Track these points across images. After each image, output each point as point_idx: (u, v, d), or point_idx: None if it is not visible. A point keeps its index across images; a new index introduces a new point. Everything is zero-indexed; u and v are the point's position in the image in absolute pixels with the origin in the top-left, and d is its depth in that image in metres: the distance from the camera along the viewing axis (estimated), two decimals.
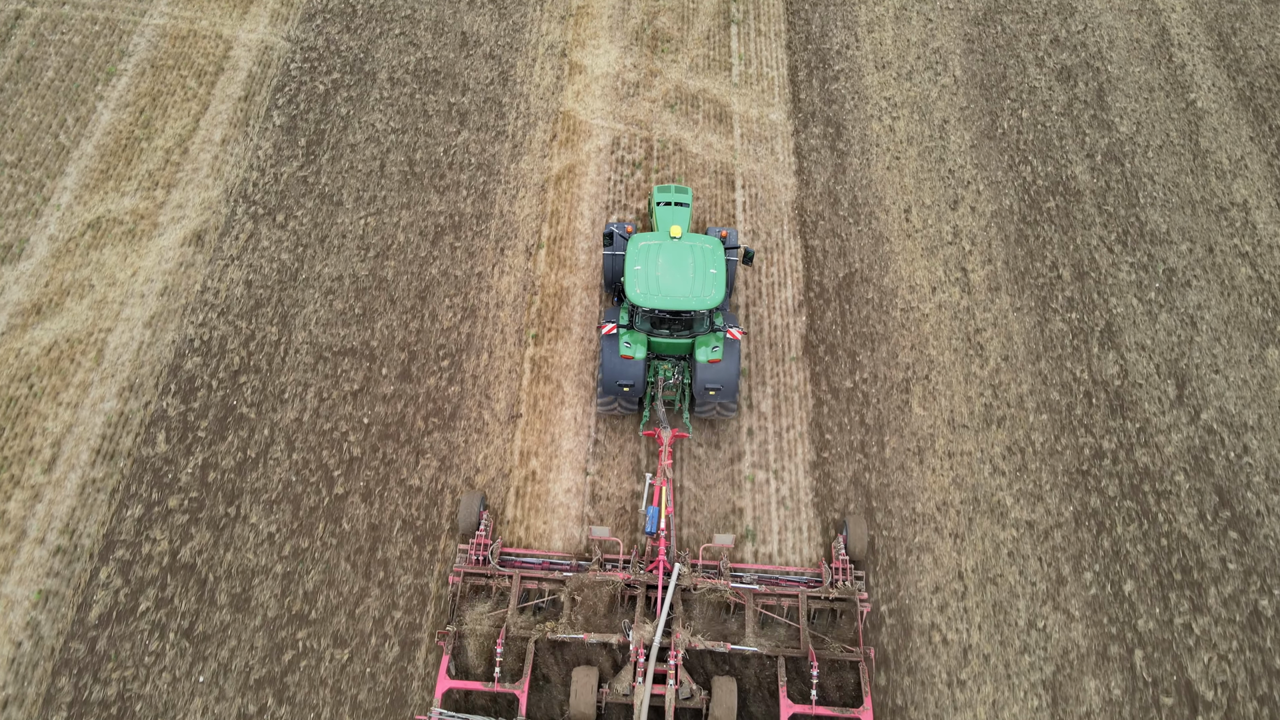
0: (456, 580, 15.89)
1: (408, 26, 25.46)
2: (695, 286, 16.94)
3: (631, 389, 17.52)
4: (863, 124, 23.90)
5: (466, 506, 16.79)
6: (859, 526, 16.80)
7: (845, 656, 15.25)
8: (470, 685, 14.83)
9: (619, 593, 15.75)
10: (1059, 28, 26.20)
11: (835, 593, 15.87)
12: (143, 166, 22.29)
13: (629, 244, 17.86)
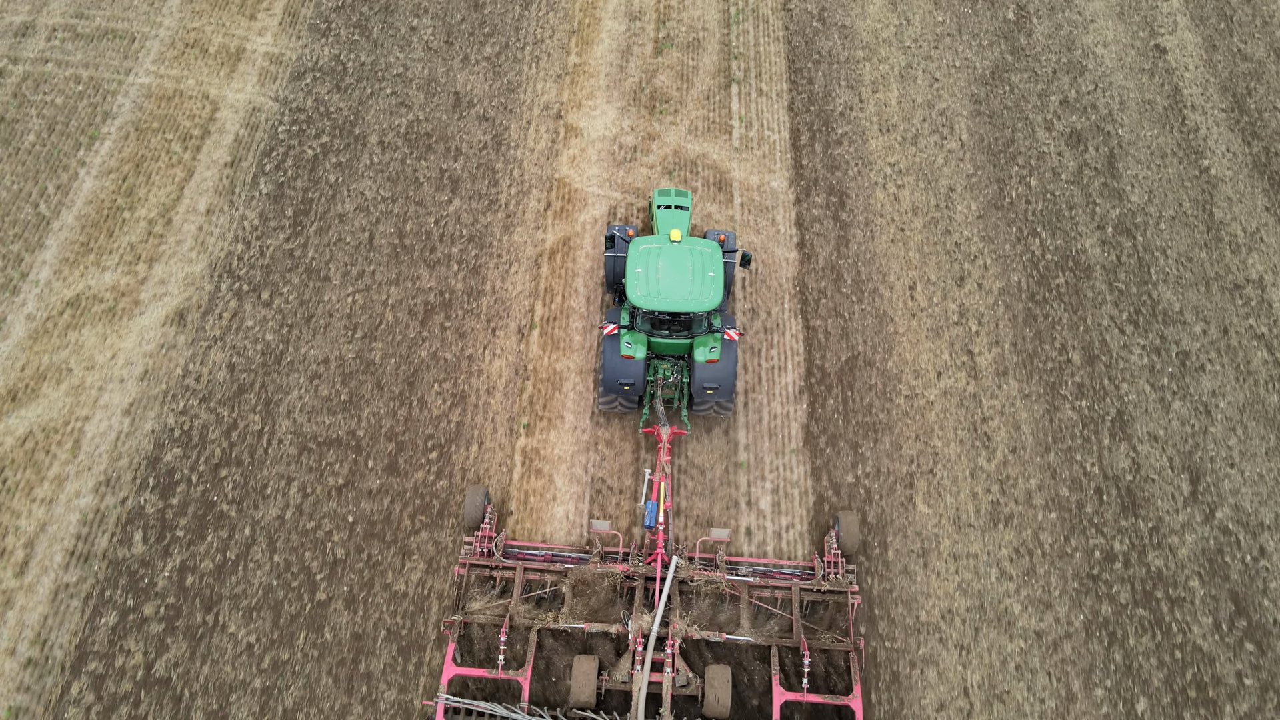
0: (462, 571, 16.71)
1: (399, 86, 24.79)
2: (694, 289, 17.61)
3: (632, 387, 18.22)
4: (867, 192, 23.22)
5: (471, 500, 17.33)
6: (850, 522, 17.30)
7: (836, 647, 15.78)
8: (475, 672, 15.24)
9: (618, 584, 16.49)
10: (1068, 88, 25.50)
11: (827, 585, 16.52)
12: (125, 239, 21.65)
13: (630, 247, 18.46)
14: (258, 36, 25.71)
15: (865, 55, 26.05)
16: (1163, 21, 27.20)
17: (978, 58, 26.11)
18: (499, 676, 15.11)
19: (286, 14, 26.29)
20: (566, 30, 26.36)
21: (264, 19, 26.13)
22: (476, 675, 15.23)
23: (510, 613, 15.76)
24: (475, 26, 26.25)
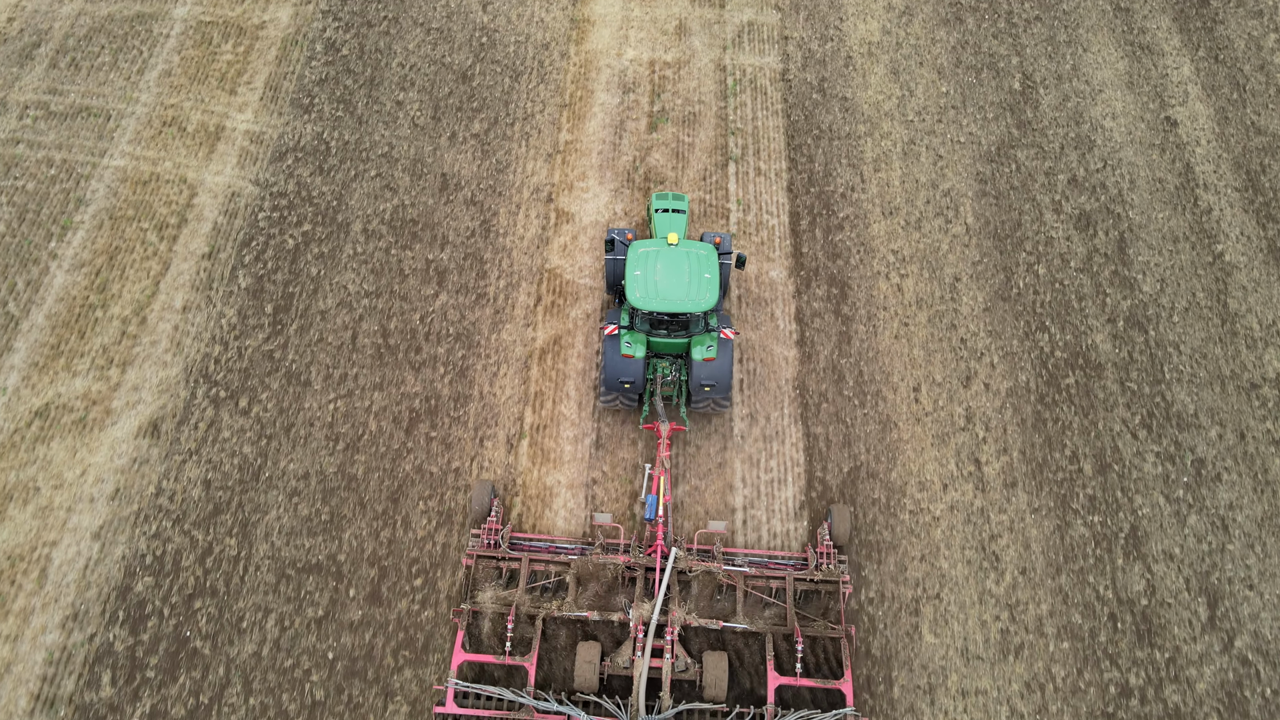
0: (470, 563, 17.39)
1: (384, 167, 23.91)
2: (691, 290, 18.38)
3: (632, 386, 18.97)
4: (869, 282, 22.40)
5: (478, 494, 18.07)
6: (842, 514, 18.10)
7: (828, 634, 16.57)
8: (483, 658, 16.09)
9: (620, 574, 17.29)
10: (1076, 165, 24.66)
11: (820, 575, 17.26)
12: (97, 340, 20.78)
13: (629, 250, 19.18)
14: (238, 113, 24.82)
15: (867, 130, 25.20)
16: (1173, 91, 26.37)
17: (983, 132, 25.27)
18: (506, 662, 16.04)
19: (268, 88, 25.40)
20: (558, 104, 25.48)
21: (245, 93, 25.24)
22: (484, 661, 16.12)
23: (516, 602, 16.67)
24: (463, 100, 25.38)
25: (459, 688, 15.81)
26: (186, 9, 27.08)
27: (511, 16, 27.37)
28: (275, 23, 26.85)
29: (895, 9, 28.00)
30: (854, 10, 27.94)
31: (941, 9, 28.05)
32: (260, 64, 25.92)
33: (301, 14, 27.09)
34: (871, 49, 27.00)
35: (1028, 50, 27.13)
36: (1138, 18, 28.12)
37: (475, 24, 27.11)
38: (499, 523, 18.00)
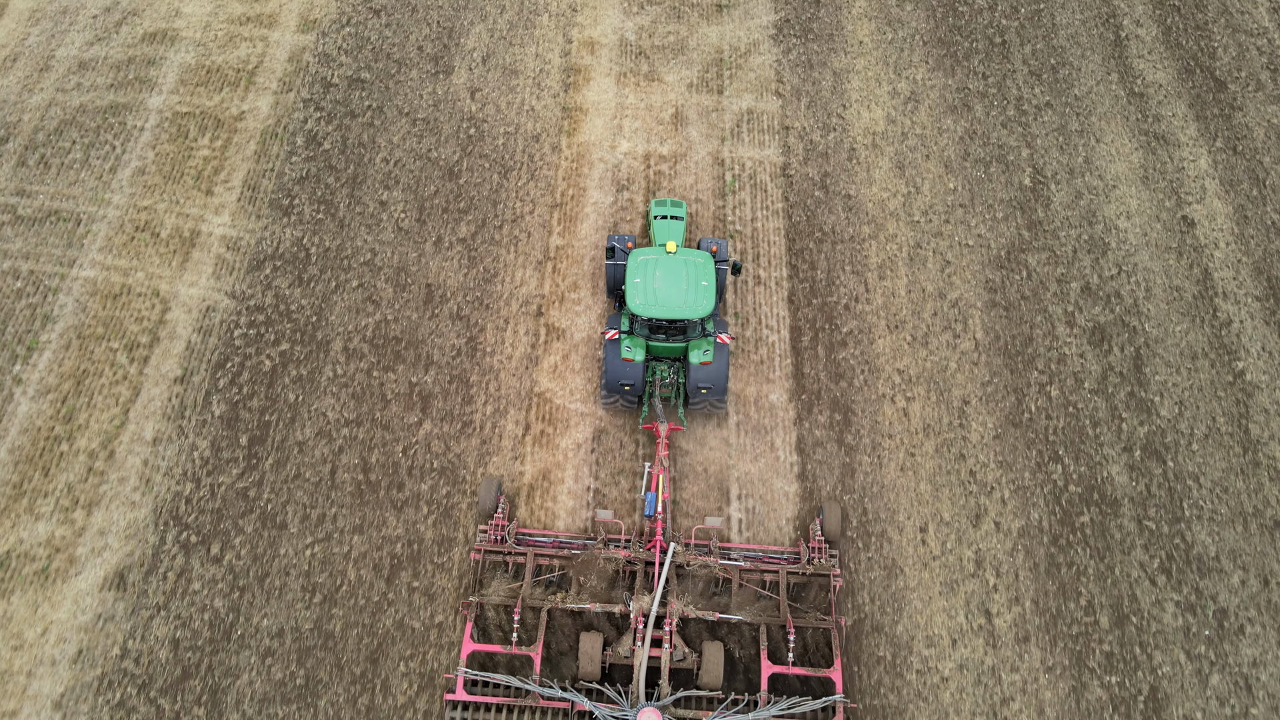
0: (477, 557, 18.23)
1: (367, 276, 22.86)
2: (689, 297, 19.36)
3: (632, 388, 19.94)
4: (874, 407, 21.38)
5: (485, 491, 18.91)
6: (833, 511, 18.94)
7: (819, 624, 17.56)
8: (491, 648, 17.06)
9: (621, 568, 18.19)
10: (1089, 271, 23.61)
11: (812, 569, 18.21)
12: (62, 477, 19.76)
13: (629, 258, 20.15)
14: (214, 216, 23.76)
15: (871, 232, 24.14)
16: (1190, 187, 25.31)
17: (992, 234, 24.22)
18: (513, 652, 17.00)
19: (246, 187, 24.33)
20: (548, 204, 24.42)
21: (222, 193, 24.16)
22: (492, 651, 17.09)
23: (522, 594, 17.57)
24: (450, 200, 24.31)
25: (469, 676, 16.69)
26: (162, 99, 25.99)
27: (501, 105, 26.28)
28: (254, 113, 25.76)
29: (900, 95, 26.92)
30: (858, 97, 26.86)
31: (949, 95, 26.97)
32: (238, 159, 24.84)
33: (282, 103, 26.01)
34: (876, 140, 25.93)
35: (1038, 141, 26.06)
36: (1152, 104, 27.05)
37: (463, 113, 26.02)
38: (505, 519, 18.86)
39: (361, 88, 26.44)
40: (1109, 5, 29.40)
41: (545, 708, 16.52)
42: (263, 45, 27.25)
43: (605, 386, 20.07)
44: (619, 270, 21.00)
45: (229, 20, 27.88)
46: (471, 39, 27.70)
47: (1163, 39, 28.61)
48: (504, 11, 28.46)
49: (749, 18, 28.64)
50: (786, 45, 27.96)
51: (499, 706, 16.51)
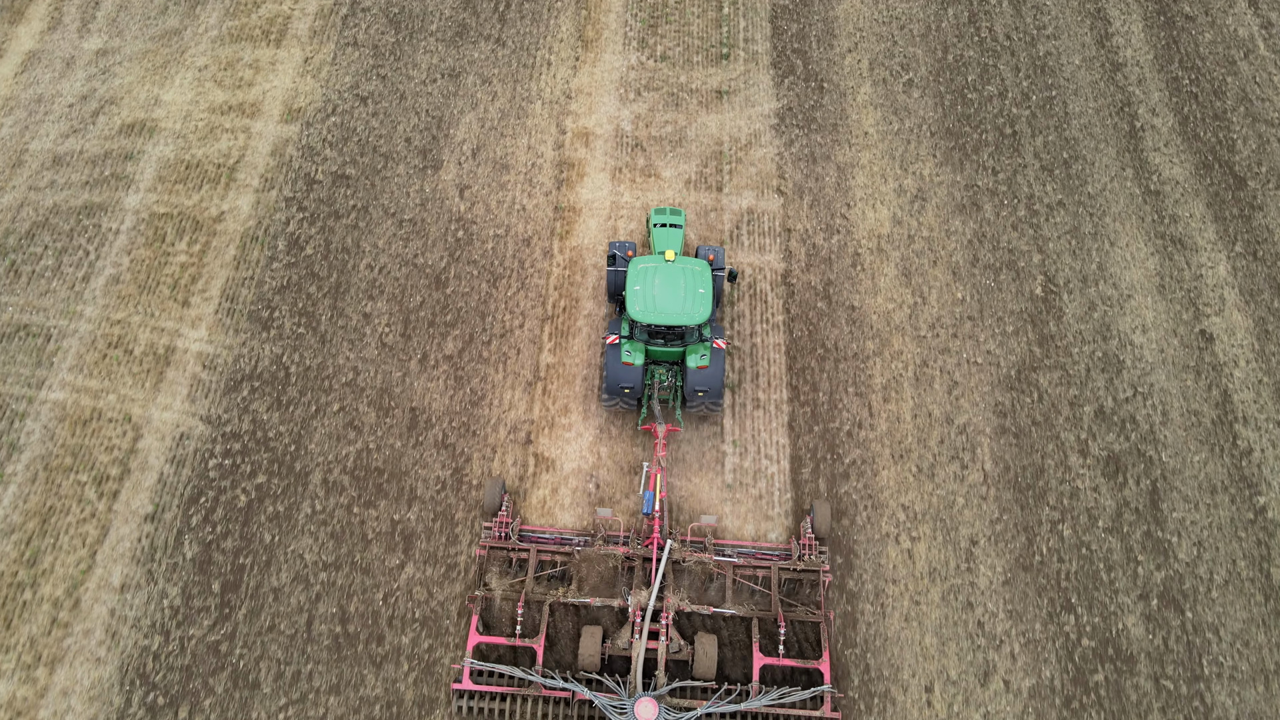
0: (483, 552, 19.16)
1: (349, 399, 21.88)
2: (686, 304, 20.11)
3: (631, 390, 20.84)
4: (877, 549, 20.40)
5: (490, 490, 19.68)
6: (823, 509, 19.74)
7: (809, 618, 18.61)
8: (496, 640, 17.98)
9: (620, 564, 19.01)
10: (1104, 392, 22.60)
11: (802, 565, 19.17)
12: (25, 630, 18.82)
13: (629, 265, 20.92)
14: (190, 330, 22.78)
15: (876, 348, 23.14)
16: (1208, 297, 24.29)
17: (1002, 351, 23.20)
18: (516, 643, 17.94)
19: (225, 297, 23.36)
20: (539, 316, 23.44)
21: (198, 305, 23.19)
22: (497, 642, 18.00)
23: (525, 589, 18.60)
24: (436, 312, 23.33)
25: (474, 666, 17.71)
26: (139, 197, 25.00)
27: (491, 204, 25.28)
28: (235, 213, 24.78)
29: (907, 193, 25.90)
30: (862, 194, 25.84)
31: (957, 193, 25.94)
32: (217, 266, 23.86)
33: (264, 202, 25.01)
34: (881, 243, 24.92)
35: (1050, 245, 25.04)
36: (1168, 203, 26.02)
37: (451, 214, 25.02)
38: (509, 516, 19.67)
39: (346, 184, 25.44)
40: (1124, 93, 28.35)
41: (547, 697, 17.67)
42: (244, 137, 26.24)
43: (606, 389, 20.95)
44: (619, 276, 21.88)
45: (210, 109, 26.87)
46: (461, 130, 26.69)
47: (1179, 129, 27.56)
48: (495, 99, 27.44)
49: (750, 105, 27.61)
50: (789, 136, 26.93)
51: (503, 695, 17.71)
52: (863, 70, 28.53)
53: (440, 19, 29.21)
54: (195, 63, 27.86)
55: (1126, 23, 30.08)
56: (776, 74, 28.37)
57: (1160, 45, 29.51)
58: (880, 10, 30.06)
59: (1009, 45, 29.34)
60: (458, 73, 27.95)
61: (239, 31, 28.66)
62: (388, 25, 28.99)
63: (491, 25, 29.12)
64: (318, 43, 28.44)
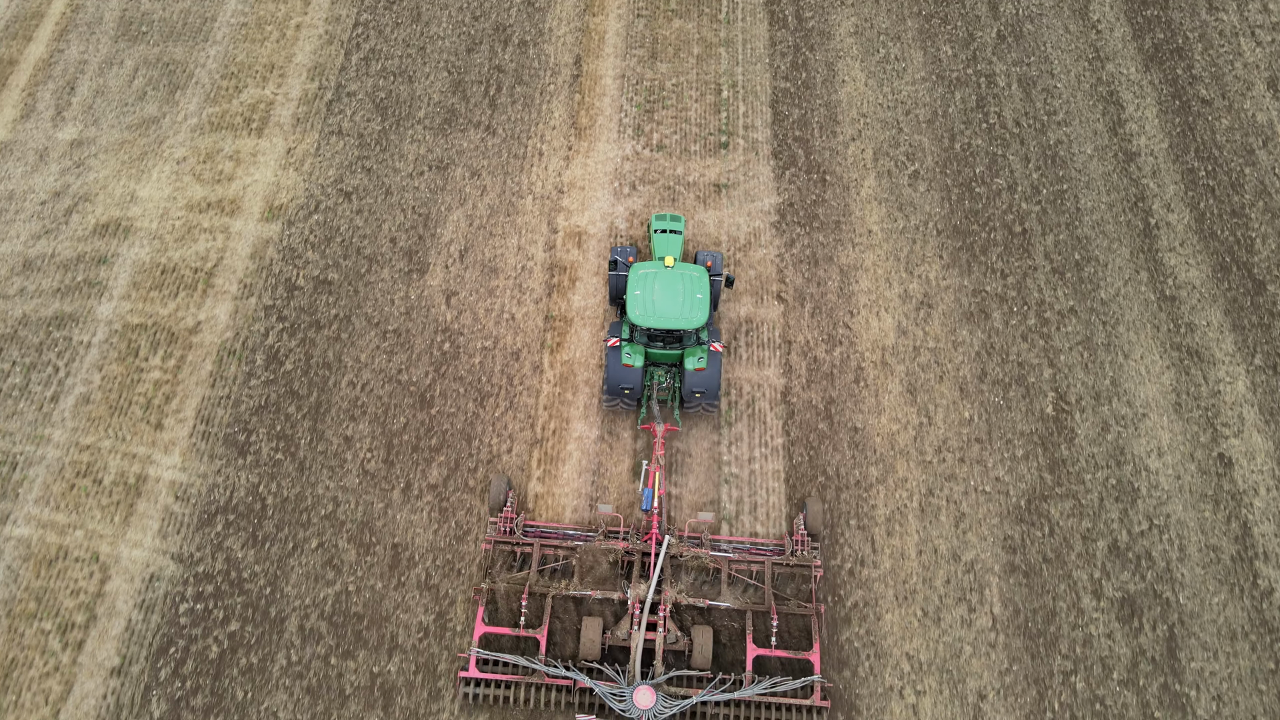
0: (488, 547, 19.94)
1: (328, 533, 20.89)
2: (685, 310, 20.96)
3: (631, 391, 21.65)
4: (879, 703, 19.40)
5: (495, 486, 20.41)
6: (816, 507, 20.47)
7: (800, 611, 19.43)
8: (501, 630, 18.89)
9: (620, 558, 19.70)
10: (1118, 525, 21.58)
11: (795, 560, 19.93)
12: None
13: (630, 271, 21.72)
14: (163, 456, 21.79)
15: (880, 475, 22.13)
16: (1227, 416, 23.26)
17: (1011, 478, 22.18)
18: (520, 634, 18.84)
19: (199, 419, 22.36)
20: (528, 440, 22.42)
21: (172, 427, 22.19)
22: (502, 633, 18.91)
23: (529, 581, 19.31)
24: (420, 435, 22.33)
25: (481, 655, 18.59)
26: (112, 306, 24.00)
27: (478, 312, 24.27)
28: (211, 324, 23.78)
29: (913, 299, 24.87)
30: (866, 301, 24.82)
31: (964, 299, 24.91)
32: (192, 383, 22.87)
33: (242, 311, 24.01)
34: (885, 356, 23.90)
35: (1061, 358, 24.01)
36: (1184, 309, 24.99)
37: (437, 323, 24.02)
38: (513, 512, 20.50)
39: (329, 291, 24.43)
40: (1137, 186, 27.30)
41: (550, 685, 18.54)
42: (223, 238, 25.24)
43: (607, 390, 21.66)
44: (621, 280, 22.63)
45: (188, 206, 25.85)
46: (449, 229, 25.67)
47: (1195, 227, 26.51)
48: (484, 193, 26.42)
49: (749, 200, 26.59)
50: (790, 235, 25.90)
51: (508, 683, 18.62)
52: (866, 161, 27.48)
53: (428, 104, 28.18)
54: (173, 154, 26.83)
55: (1140, 107, 29.01)
56: (777, 165, 27.33)
57: (1175, 133, 28.46)
58: (885, 94, 29.01)
59: (1018, 133, 28.29)
60: (446, 164, 26.92)
61: (219, 119, 27.62)
62: (374, 111, 27.96)
63: (481, 111, 28.08)
64: (301, 131, 27.40)
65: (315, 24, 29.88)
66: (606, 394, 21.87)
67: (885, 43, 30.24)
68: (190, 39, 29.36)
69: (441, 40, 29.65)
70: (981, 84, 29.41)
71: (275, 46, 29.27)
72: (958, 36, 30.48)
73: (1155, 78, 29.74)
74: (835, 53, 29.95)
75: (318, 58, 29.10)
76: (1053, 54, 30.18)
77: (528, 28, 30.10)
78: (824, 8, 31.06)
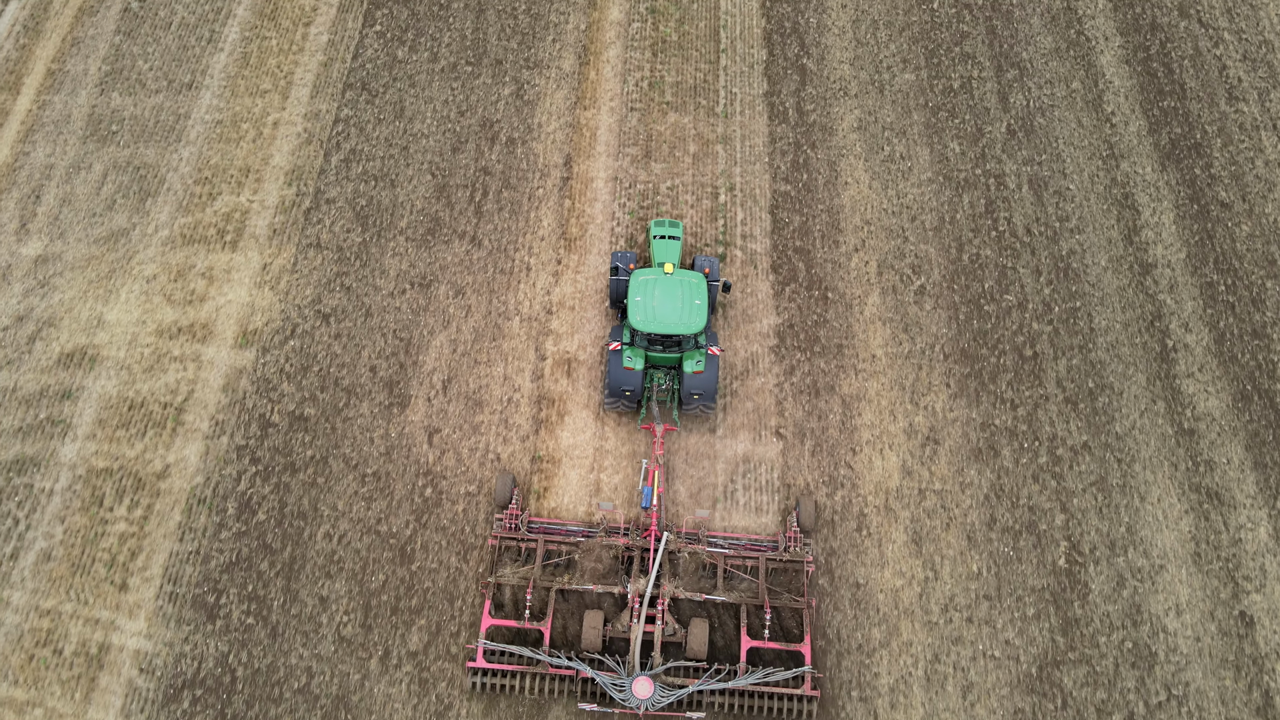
0: (494, 543, 20.94)
1: (301, 710, 19.73)
2: (684, 315, 21.90)
3: (632, 393, 22.44)
4: None
5: (500, 484, 21.44)
6: (808, 504, 21.62)
7: (792, 604, 20.28)
8: (507, 623, 19.69)
9: (620, 554, 20.85)
10: (1134, 696, 20.48)
11: (788, 556, 20.96)
12: None
13: (631, 278, 22.68)
14: (128, 621, 20.65)
15: (883, 638, 21.00)
16: (1248, 568, 22.12)
17: (1022, 641, 21.06)
18: (525, 626, 19.65)
19: (167, 578, 21.19)
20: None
21: (137, 588, 21.03)
22: (508, 625, 19.71)
23: (534, 576, 20.24)
24: (400, 594, 21.17)
25: (487, 647, 19.42)
26: (76, 448, 22.80)
27: (462, 452, 23.07)
28: (181, 467, 22.59)
29: (918, 434, 23.67)
30: (869, 436, 23.62)
31: (972, 434, 23.70)
32: (159, 536, 21.71)
33: (213, 452, 22.81)
34: (889, 500, 22.74)
35: (1074, 501, 22.84)
36: (1204, 445, 23.79)
37: (419, 465, 22.83)
38: (518, 509, 21.47)
39: (305, 428, 23.23)
40: (1154, 302, 26.04)
41: (553, 674, 19.45)
42: (194, 367, 24.01)
43: (608, 392, 22.52)
44: (622, 285, 23.53)
45: (158, 331, 24.60)
46: (431, 355, 24.44)
47: (1215, 349, 25.28)
48: (469, 315, 25.18)
49: (748, 320, 25.35)
50: (790, 362, 24.69)
51: (513, 673, 19.51)
52: (870, 275, 26.23)
53: (411, 212, 26.89)
54: (143, 271, 25.57)
55: (1157, 211, 27.72)
56: (777, 280, 26.08)
57: (1193, 241, 27.18)
58: (890, 197, 27.72)
59: (1029, 242, 27.01)
60: (429, 281, 25.67)
61: (192, 230, 26.33)
62: (354, 220, 26.67)
63: (467, 220, 26.80)
64: (277, 245, 26.13)
65: (294, 120, 28.55)
66: (608, 396, 22.65)
67: (890, 139, 28.92)
68: (163, 139, 28.03)
69: (426, 138, 28.33)
70: (991, 185, 28.11)
71: (251, 147, 27.95)
72: (966, 132, 29.15)
73: (1172, 178, 28.44)
74: (838, 150, 28.64)
75: (296, 159, 27.78)
76: (1065, 151, 28.87)
77: (516, 123, 28.77)
78: (825, 99, 29.73)
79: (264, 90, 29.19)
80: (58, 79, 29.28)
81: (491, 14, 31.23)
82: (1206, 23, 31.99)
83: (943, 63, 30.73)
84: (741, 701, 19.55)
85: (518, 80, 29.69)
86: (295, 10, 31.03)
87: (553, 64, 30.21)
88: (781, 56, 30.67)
